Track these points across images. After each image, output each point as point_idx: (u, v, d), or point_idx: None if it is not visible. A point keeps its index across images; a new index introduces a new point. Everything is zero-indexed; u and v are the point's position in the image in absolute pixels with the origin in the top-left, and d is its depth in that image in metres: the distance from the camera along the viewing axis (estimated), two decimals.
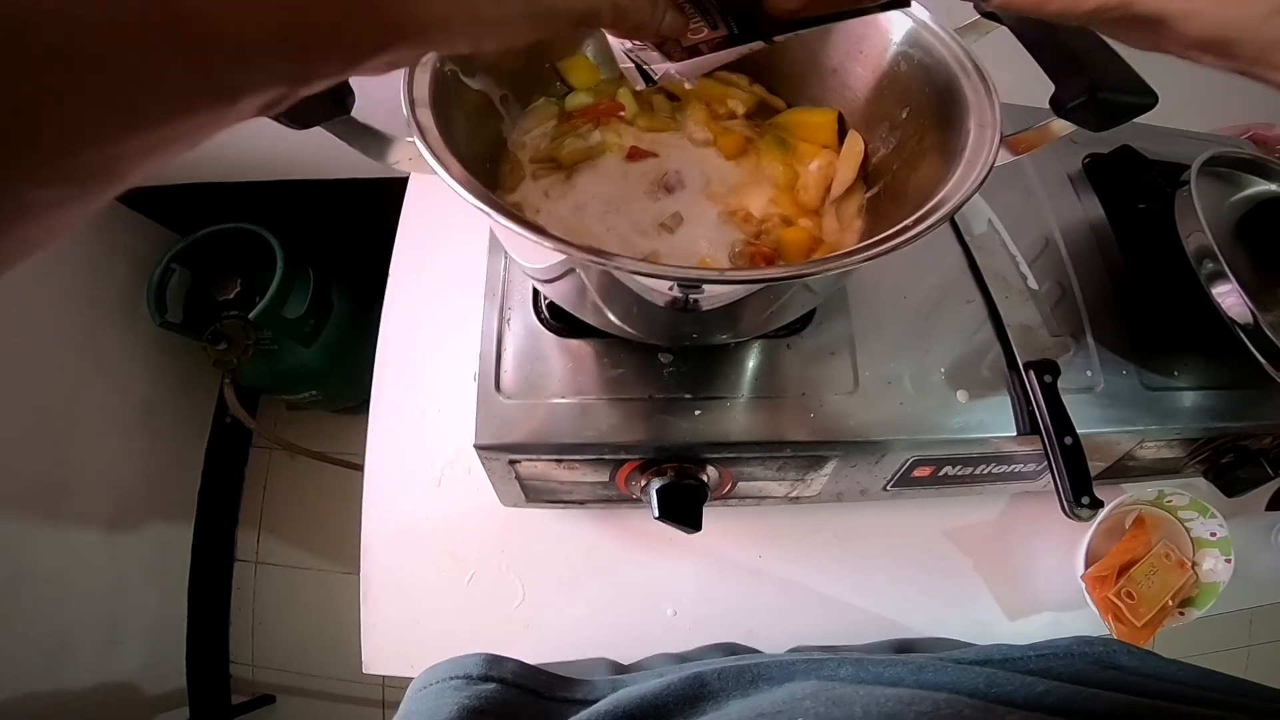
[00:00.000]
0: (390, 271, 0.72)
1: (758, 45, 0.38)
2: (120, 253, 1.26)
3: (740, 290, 0.39)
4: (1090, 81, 0.35)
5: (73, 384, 1.17)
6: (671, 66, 0.38)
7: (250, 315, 1.12)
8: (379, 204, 0.49)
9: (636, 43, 0.39)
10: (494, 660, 0.42)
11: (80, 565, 1.18)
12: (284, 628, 1.51)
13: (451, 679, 0.41)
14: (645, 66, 0.40)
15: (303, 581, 1.53)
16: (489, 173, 0.50)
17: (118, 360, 1.26)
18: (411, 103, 0.39)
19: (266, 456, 1.60)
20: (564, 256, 0.34)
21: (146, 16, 0.17)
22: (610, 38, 0.41)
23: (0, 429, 1.04)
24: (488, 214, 0.33)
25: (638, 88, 0.42)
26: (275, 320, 1.17)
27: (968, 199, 0.35)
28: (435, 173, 0.35)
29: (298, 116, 0.34)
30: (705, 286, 0.38)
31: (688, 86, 0.46)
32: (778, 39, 0.38)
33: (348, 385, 1.39)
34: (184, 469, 1.46)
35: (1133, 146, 0.67)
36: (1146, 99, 0.36)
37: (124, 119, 0.18)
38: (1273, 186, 0.63)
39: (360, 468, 0.66)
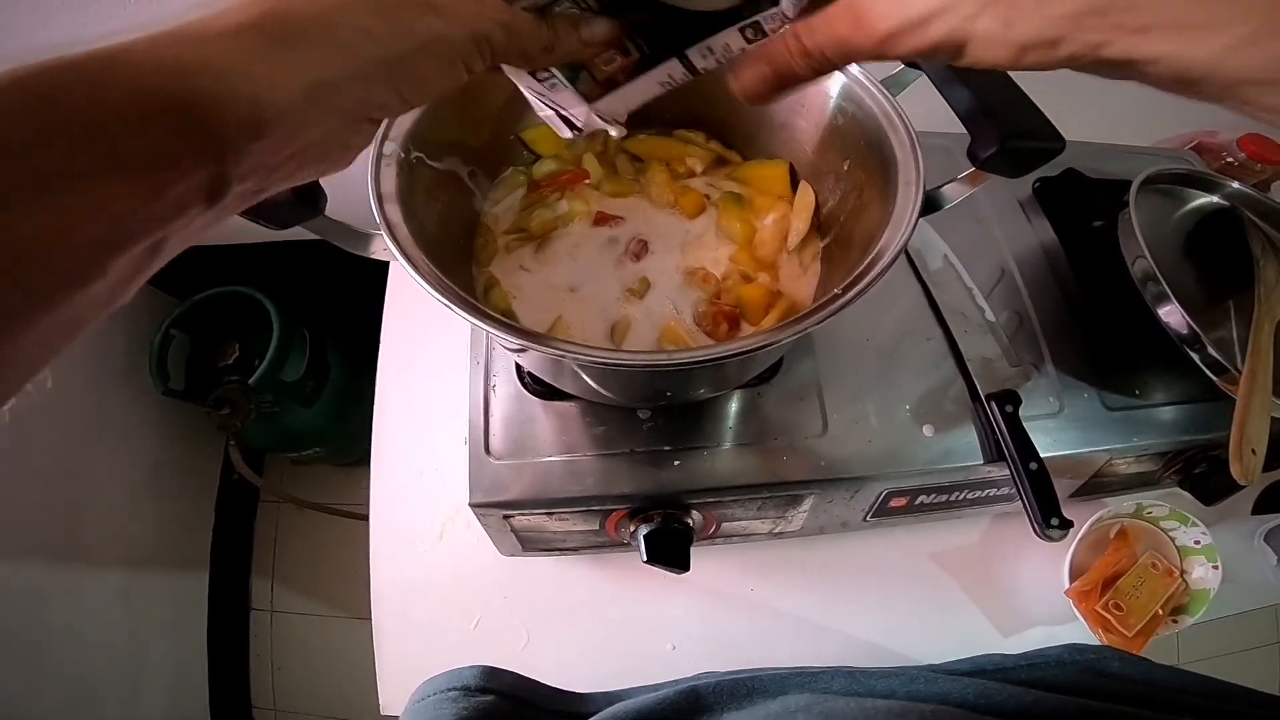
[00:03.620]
0: (381, 338, 0.75)
1: (676, 70, 0.36)
2: (120, 319, 1.29)
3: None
4: (1000, 132, 0.38)
5: (85, 452, 1.20)
6: (592, 109, 0.37)
7: (250, 380, 1.15)
8: (369, 263, 0.52)
9: (546, 81, 0.35)
10: (491, 672, 0.43)
11: (101, 618, 1.21)
12: (302, 673, 1.53)
13: (449, 690, 0.42)
14: (564, 112, 0.37)
15: (317, 627, 1.56)
16: (463, 248, 0.53)
17: (126, 427, 1.29)
18: (379, 197, 0.41)
19: (275, 510, 1.62)
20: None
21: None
22: (523, 87, 0.37)
23: (20, 496, 1.07)
24: (454, 310, 0.36)
25: (564, 135, 0.39)
26: (274, 384, 1.19)
27: (891, 264, 0.37)
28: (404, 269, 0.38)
29: (274, 219, 0.37)
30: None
31: (613, 133, 0.43)
32: (692, 56, 0.35)
33: (350, 441, 1.41)
34: (196, 525, 1.49)
35: (1077, 169, 0.69)
36: (1054, 144, 0.38)
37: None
38: (1214, 198, 0.65)
39: (365, 518, 0.68)
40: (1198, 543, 0.66)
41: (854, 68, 0.47)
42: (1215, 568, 0.65)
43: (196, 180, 0.22)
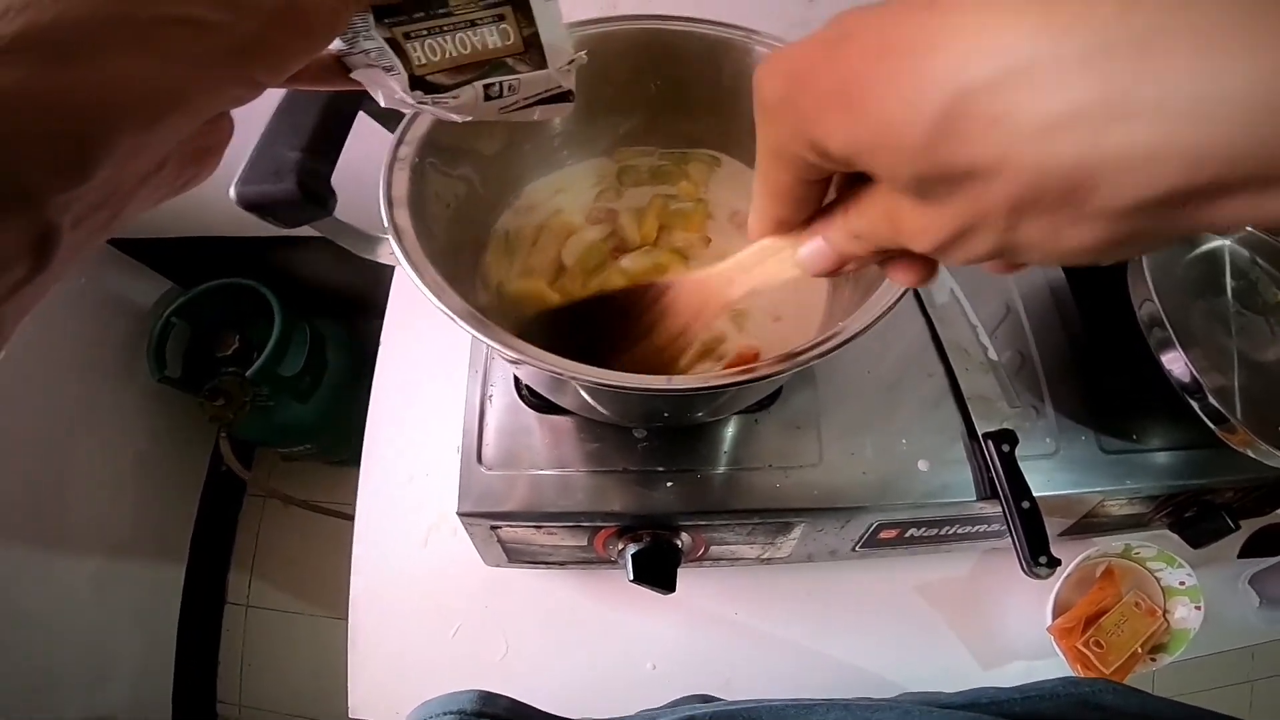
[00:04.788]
0: (381, 340, 0.75)
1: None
2: (122, 305, 1.28)
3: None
4: None
5: (71, 431, 1.19)
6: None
7: (247, 373, 1.14)
8: (374, 264, 0.52)
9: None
10: (487, 697, 0.43)
11: (71, 604, 1.19)
12: (272, 670, 1.51)
13: (445, 714, 0.42)
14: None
15: (292, 625, 1.54)
16: (470, 257, 0.52)
17: (116, 410, 1.28)
18: (390, 202, 0.41)
19: (260, 504, 1.61)
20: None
21: None
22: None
23: (4, 473, 1.06)
24: (455, 321, 0.35)
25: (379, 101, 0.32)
26: (272, 377, 1.19)
27: (899, 298, 0.37)
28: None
29: (282, 217, 0.37)
30: None
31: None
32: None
33: (342, 439, 1.41)
34: (178, 515, 1.47)
35: None
36: None
37: None
38: (1227, 242, 0.65)
39: (351, 518, 0.68)
40: (1183, 584, 0.66)
41: None
42: (1198, 608, 0.65)
43: (7, 240, 0.18)
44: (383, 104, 0.31)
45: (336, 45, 0.29)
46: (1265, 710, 1.57)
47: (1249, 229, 0.64)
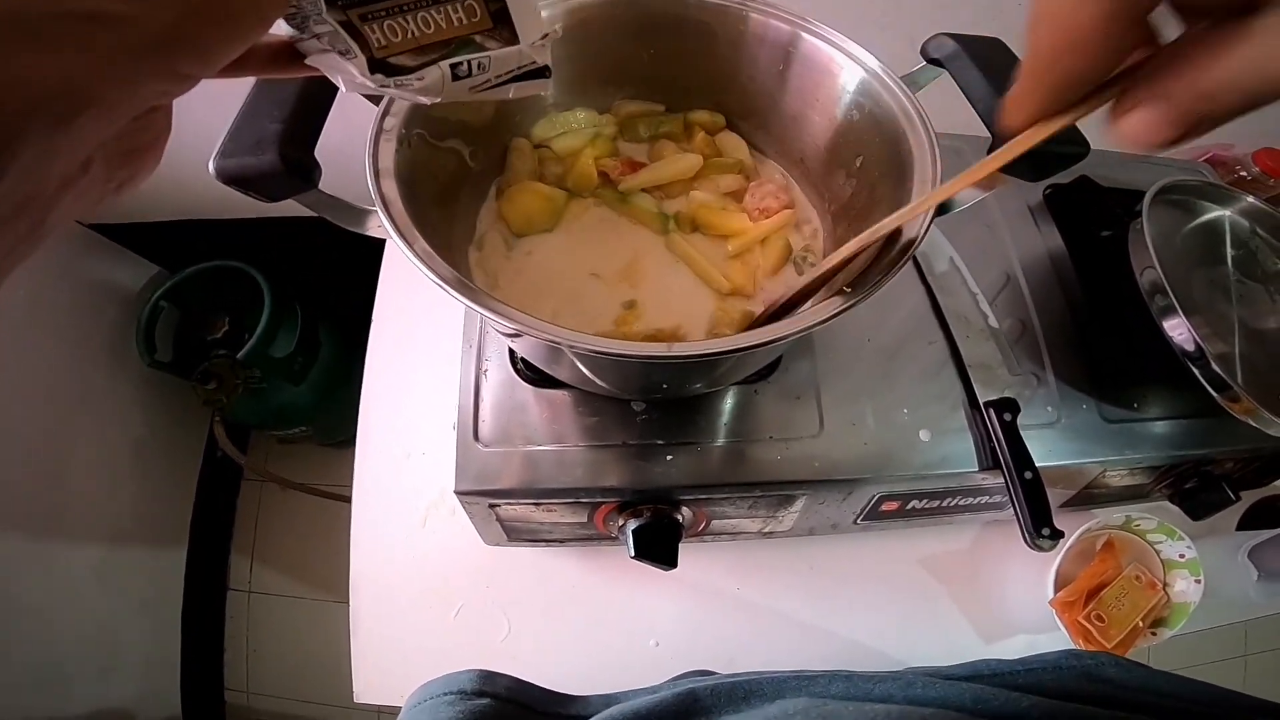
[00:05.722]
0: (373, 317, 0.74)
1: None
2: (110, 290, 1.27)
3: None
4: None
5: (65, 420, 1.18)
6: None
7: (238, 355, 1.14)
8: (365, 242, 0.51)
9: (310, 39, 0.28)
10: (487, 676, 0.43)
11: (74, 596, 1.19)
12: (278, 655, 1.52)
13: (445, 694, 0.42)
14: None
15: (296, 610, 1.54)
16: (461, 228, 0.51)
17: (109, 397, 1.27)
18: (376, 173, 0.40)
19: (258, 489, 1.61)
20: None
21: None
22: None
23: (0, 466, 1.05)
24: (448, 291, 0.34)
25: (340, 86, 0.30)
26: (263, 359, 1.18)
27: (900, 265, 0.36)
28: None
29: (265, 191, 0.36)
30: None
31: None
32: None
33: (337, 421, 1.40)
34: (176, 502, 1.47)
35: (1090, 177, 0.68)
36: (1079, 149, 0.37)
37: None
38: (1226, 212, 0.65)
39: (349, 500, 0.67)
40: (1182, 556, 0.66)
41: (876, 64, 0.46)
42: (1198, 582, 0.65)
43: None
44: (344, 90, 0.29)
45: (287, 30, 0.27)
46: (1259, 687, 1.59)
47: (1250, 199, 0.64)
